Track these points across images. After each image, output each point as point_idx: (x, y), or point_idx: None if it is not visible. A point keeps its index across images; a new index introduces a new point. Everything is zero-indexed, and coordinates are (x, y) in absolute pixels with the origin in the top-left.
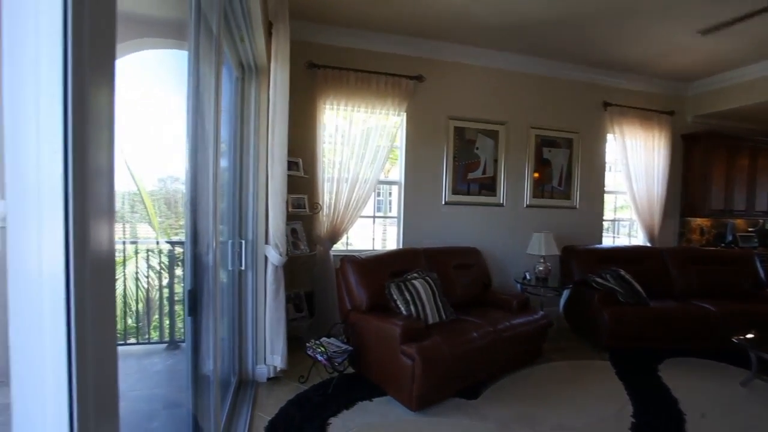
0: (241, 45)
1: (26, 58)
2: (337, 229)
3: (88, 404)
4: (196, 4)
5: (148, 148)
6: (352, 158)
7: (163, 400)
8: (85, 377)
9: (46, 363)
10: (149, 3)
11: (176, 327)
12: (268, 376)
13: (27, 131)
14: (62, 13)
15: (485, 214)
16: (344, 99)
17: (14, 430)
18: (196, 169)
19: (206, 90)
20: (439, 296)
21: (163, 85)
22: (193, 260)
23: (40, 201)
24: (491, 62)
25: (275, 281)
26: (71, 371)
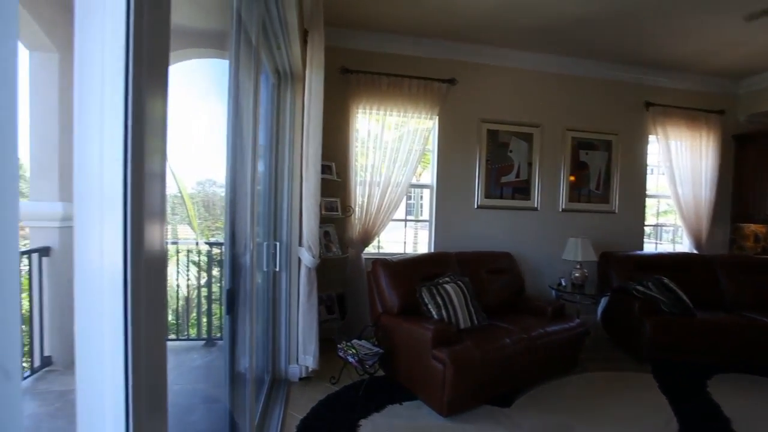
0: (278, 53)
1: (94, 77)
2: (368, 232)
3: (141, 392)
4: (237, 16)
5: (189, 152)
6: (384, 162)
7: (201, 395)
8: (138, 367)
9: (105, 352)
10: (195, 16)
11: (213, 325)
12: (300, 376)
13: (92, 141)
14: (125, 33)
15: (519, 218)
16: (377, 103)
17: (78, 414)
18: (235, 173)
19: (245, 97)
20: (471, 301)
21: (205, 91)
22: (231, 261)
23: (102, 204)
24: (525, 64)
25: (308, 283)
26: (127, 361)
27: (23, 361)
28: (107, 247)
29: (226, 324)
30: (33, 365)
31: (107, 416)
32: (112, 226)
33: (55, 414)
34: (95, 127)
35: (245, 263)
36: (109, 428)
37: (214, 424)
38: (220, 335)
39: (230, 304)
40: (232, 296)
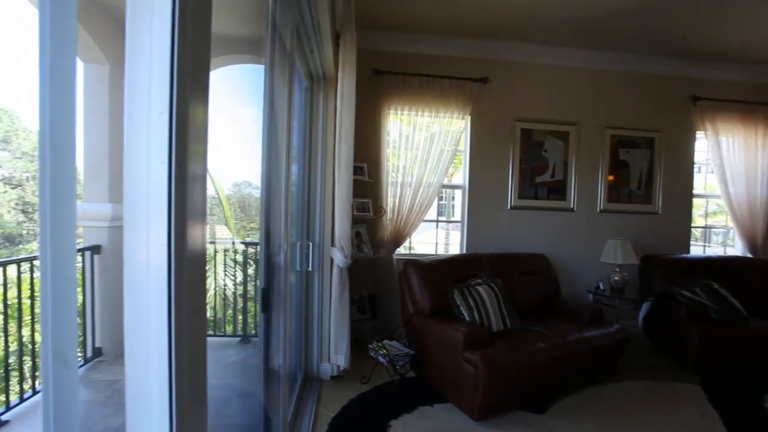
0: (311, 56)
1: (142, 86)
2: (400, 233)
3: (184, 384)
4: (272, 22)
5: (226, 155)
6: (416, 163)
7: (237, 390)
8: (181, 360)
9: (151, 345)
10: (233, 24)
11: (248, 322)
12: (331, 375)
13: (140, 145)
14: (170, 46)
15: (554, 219)
16: (408, 104)
17: (127, 403)
18: (270, 175)
19: (280, 100)
20: (504, 304)
21: (241, 96)
22: (266, 260)
23: (149, 205)
24: (561, 60)
25: (340, 283)
26: (171, 354)
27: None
28: (153, 246)
29: (261, 322)
30: (86, 356)
31: (153, 405)
32: (157, 226)
33: (105, 402)
34: (143, 133)
35: (279, 263)
36: (155, 417)
37: (249, 418)
38: (254, 332)
39: (265, 303)
40: (267, 295)
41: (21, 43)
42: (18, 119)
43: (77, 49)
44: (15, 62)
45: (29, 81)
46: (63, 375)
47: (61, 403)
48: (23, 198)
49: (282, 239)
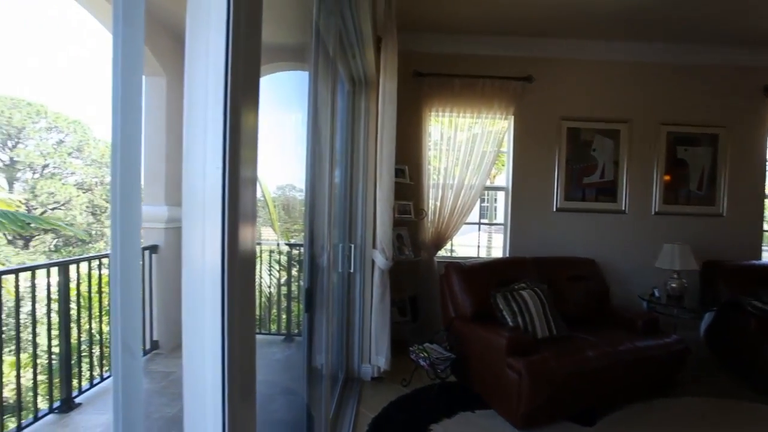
0: (353, 61)
1: (199, 96)
2: (441, 236)
3: (235, 377)
4: (316, 30)
5: (271, 158)
6: (458, 164)
7: (280, 387)
8: (233, 355)
9: (206, 339)
10: (279, 33)
11: (291, 322)
12: (372, 376)
13: (197, 151)
14: (224, 59)
15: (603, 222)
16: (449, 105)
17: (185, 392)
18: (314, 178)
19: (323, 105)
20: (550, 309)
21: (286, 101)
22: (310, 261)
23: (205, 207)
24: (610, 54)
25: (381, 284)
26: (224, 349)
27: None
28: (208, 246)
29: (304, 321)
30: (144, 348)
31: (207, 396)
32: (212, 228)
33: (161, 391)
34: (199, 140)
35: (322, 264)
36: (209, 407)
37: (292, 414)
38: (297, 331)
39: (308, 303)
40: (310, 295)
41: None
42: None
43: (143, 66)
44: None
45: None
46: (129, 364)
47: (128, 390)
48: (92, 201)
49: (325, 241)
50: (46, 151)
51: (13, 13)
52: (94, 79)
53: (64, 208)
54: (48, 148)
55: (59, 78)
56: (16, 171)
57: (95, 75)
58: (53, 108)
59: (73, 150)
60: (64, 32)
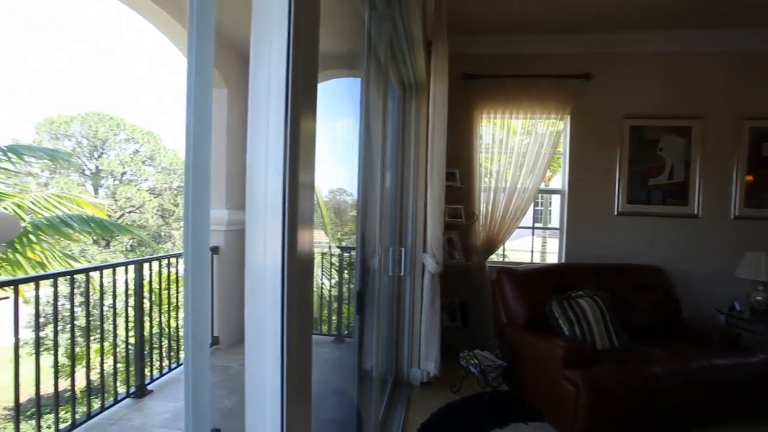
0: (403, 66)
1: (261, 106)
2: (493, 240)
3: (293, 374)
4: (368, 38)
5: (324, 163)
6: (510, 167)
7: (330, 386)
8: (291, 350)
9: (267, 337)
10: (333, 42)
11: (341, 323)
12: (421, 380)
13: (260, 158)
14: (285, 70)
15: (672, 226)
16: (501, 107)
17: (246, 385)
18: (366, 182)
19: (374, 110)
20: (611, 319)
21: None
22: (361, 264)
23: (267, 211)
24: (680, 45)
25: (431, 289)
26: (283, 343)
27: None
28: (270, 248)
29: (355, 323)
30: None
31: (267, 392)
32: (273, 230)
33: (220, 384)
34: (262, 147)
35: (373, 267)
36: (269, 402)
37: (342, 414)
38: (347, 333)
39: (360, 305)
40: (362, 297)
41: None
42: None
43: (213, 82)
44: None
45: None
46: (199, 357)
47: (197, 380)
48: (162, 205)
49: (376, 244)
50: (125, 159)
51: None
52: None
53: (139, 211)
54: (126, 157)
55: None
56: (100, 178)
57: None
58: (131, 121)
59: (147, 158)
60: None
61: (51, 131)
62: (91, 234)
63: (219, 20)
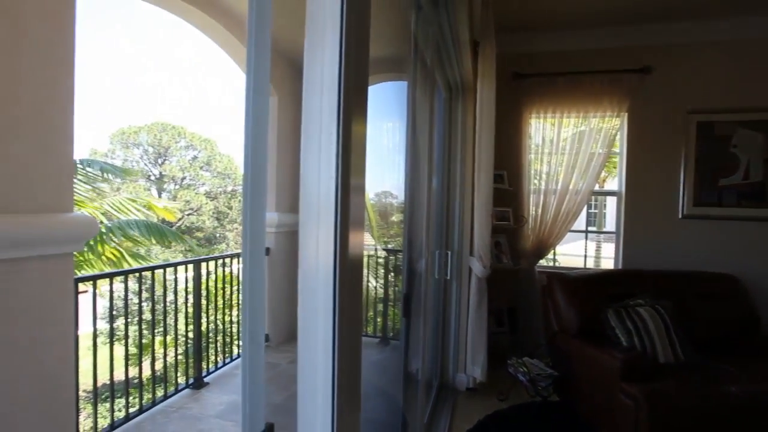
0: (449, 68)
1: (314, 112)
2: (543, 244)
3: (344, 369)
4: (414, 42)
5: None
6: (561, 168)
7: (375, 387)
8: (342, 349)
9: (319, 334)
10: (380, 47)
11: (387, 325)
12: (467, 386)
13: (313, 163)
14: (337, 77)
15: (747, 231)
16: (552, 106)
17: (299, 381)
18: (413, 185)
19: (421, 113)
20: (675, 331)
21: (384, 110)
22: (408, 267)
23: (319, 213)
24: (749, 32)
25: (478, 293)
26: (334, 342)
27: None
28: (322, 250)
29: (402, 326)
30: None
31: (318, 389)
32: (325, 233)
33: (270, 380)
34: (315, 152)
35: (420, 270)
36: (320, 399)
37: (387, 415)
38: (392, 335)
39: (406, 308)
40: (408, 300)
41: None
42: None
43: (269, 93)
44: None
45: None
46: (255, 351)
47: (253, 375)
48: (217, 208)
49: (423, 247)
50: (184, 165)
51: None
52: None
53: (196, 213)
54: (185, 163)
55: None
56: (163, 183)
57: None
58: (190, 129)
59: (204, 164)
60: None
61: (122, 141)
62: (151, 240)
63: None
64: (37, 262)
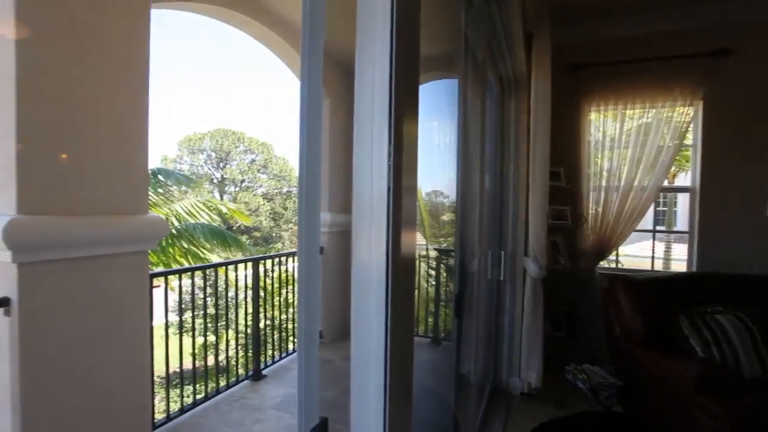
0: (501, 63)
1: (366, 114)
2: (604, 244)
3: (396, 366)
4: (465, 39)
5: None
6: (625, 163)
7: (426, 388)
8: (395, 346)
9: (372, 331)
10: (430, 46)
11: (438, 326)
12: (521, 390)
13: (365, 164)
14: (389, 81)
15: None
16: (613, 97)
17: (352, 377)
18: (464, 184)
19: (472, 110)
20: (762, 342)
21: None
22: (460, 267)
23: (372, 213)
24: None
25: (533, 295)
26: (386, 340)
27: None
28: (374, 249)
29: (453, 327)
30: None
31: (371, 387)
32: (378, 232)
33: (322, 376)
34: (367, 153)
35: (472, 270)
36: (373, 397)
37: (438, 416)
38: (443, 335)
39: (458, 308)
40: (460, 301)
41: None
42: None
43: (322, 98)
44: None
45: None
46: (310, 348)
47: (308, 370)
48: (273, 209)
49: (475, 247)
50: (243, 168)
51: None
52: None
53: (255, 214)
54: (244, 167)
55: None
56: (224, 185)
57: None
58: (249, 134)
59: (261, 167)
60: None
61: (189, 147)
62: (212, 242)
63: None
64: (121, 258)
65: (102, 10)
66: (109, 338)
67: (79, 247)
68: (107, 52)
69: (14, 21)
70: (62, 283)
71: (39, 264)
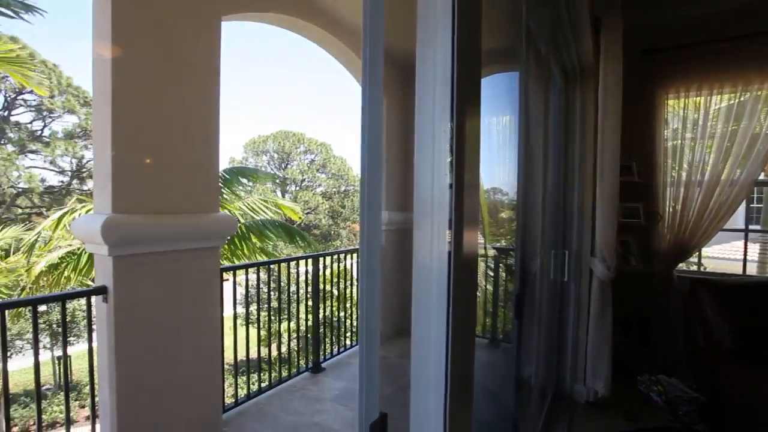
0: (566, 53)
1: (427, 112)
2: (684, 244)
3: (456, 366)
4: (526, 30)
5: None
6: (710, 155)
7: (486, 391)
8: (455, 346)
9: (432, 330)
10: (489, 39)
11: (496, 327)
12: (586, 399)
13: (426, 161)
14: (450, 79)
15: None
16: (696, 82)
17: (413, 375)
18: (526, 180)
19: (534, 104)
20: None
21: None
22: (521, 266)
23: (433, 211)
24: None
25: (600, 298)
26: (447, 340)
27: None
28: (436, 248)
29: (513, 328)
30: None
31: (432, 385)
32: (439, 231)
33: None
34: (428, 150)
35: (534, 270)
36: (432, 395)
37: (498, 420)
38: (502, 337)
39: (518, 310)
40: (521, 302)
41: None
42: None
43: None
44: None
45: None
46: (370, 344)
47: (369, 366)
48: (332, 207)
49: (537, 246)
50: (303, 168)
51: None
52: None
53: (314, 212)
54: (304, 167)
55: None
56: (286, 185)
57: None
58: (308, 135)
59: (320, 167)
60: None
61: (253, 149)
62: (279, 237)
63: None
64: (198, 252)
65: (184, 26)
66: (188, 325)
67: (165, 242)
68: (189, 64)
69: (111, 41)
70: (150, 275)
71: (130, 257)
